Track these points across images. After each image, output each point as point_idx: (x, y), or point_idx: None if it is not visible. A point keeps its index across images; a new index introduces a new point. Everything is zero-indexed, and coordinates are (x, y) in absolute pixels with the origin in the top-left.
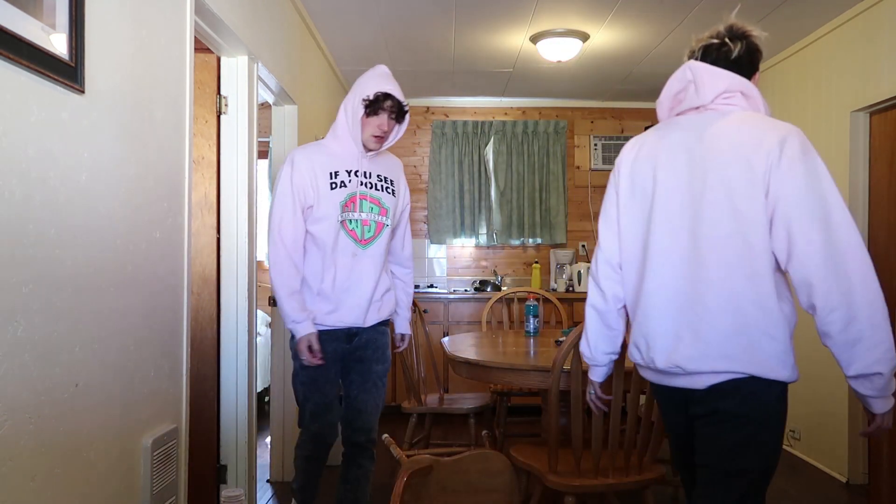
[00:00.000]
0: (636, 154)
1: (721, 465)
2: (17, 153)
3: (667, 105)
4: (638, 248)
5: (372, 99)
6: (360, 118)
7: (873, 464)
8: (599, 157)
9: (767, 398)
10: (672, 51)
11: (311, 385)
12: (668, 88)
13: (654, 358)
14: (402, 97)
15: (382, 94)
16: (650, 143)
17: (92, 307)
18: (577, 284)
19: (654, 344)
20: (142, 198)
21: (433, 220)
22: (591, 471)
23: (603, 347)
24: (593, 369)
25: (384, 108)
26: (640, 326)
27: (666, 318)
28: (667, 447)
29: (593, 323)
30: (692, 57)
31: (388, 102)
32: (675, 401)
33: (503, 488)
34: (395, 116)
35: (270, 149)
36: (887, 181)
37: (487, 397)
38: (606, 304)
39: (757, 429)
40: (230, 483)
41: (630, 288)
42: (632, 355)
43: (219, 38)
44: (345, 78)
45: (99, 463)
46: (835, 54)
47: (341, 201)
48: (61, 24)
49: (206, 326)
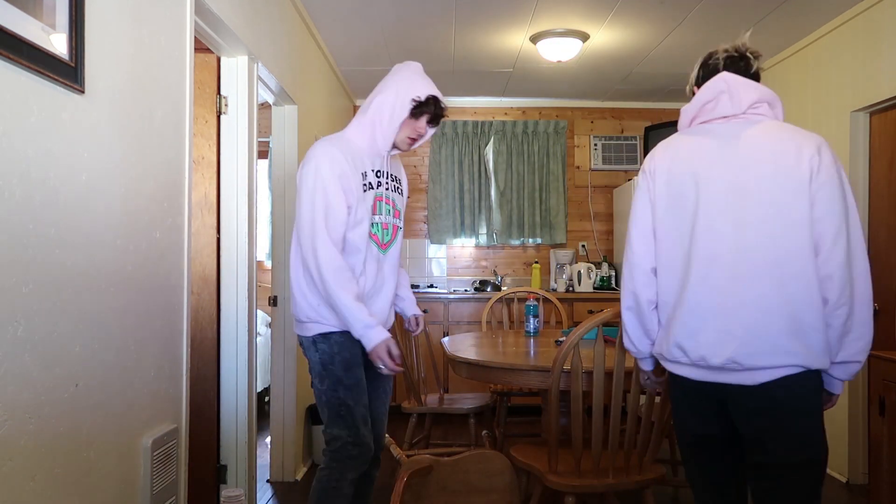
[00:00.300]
0: (671, 161)
1: (789, 459)
2: (17, 153)
3: (691, 113)
4: (679, 253)
5: (423, 101)
6: (402, 119)
7: (873, 464)
8: (599, 157)
9: (818, 388)
10: (672, 51)
11: (358, 389)
12: (700, 97)
13: (706, 355)
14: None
15: (432, 98)
16: (685, 149)
17: (92, 307)
18: (577, 284)
19: (704, 342)
20: (142, 198)
21: (433, 220)
22: (591, 471)
23: (646, 343)
24: (643, 361)
25: (430, 111)
26: (685, 327)
27: (719, 317)
28: (667, 447)
29: (633, 324)
30: (709, 65)
31: (435, 107)
32: (714, 399)
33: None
34: (434, 120)
35: (270, 149)
36: (887, 181)
37: (487, 397)
38: (641, 308)
39: (816, 419)
40: (230, 483)
41: (670, 290)
42: (671, 354)
43: (219, 38)
44: (345, 78)
45: (99, 463)
46: (835, 54)
47: (370, 204)
48: (61, 24)
49: (206, 326)
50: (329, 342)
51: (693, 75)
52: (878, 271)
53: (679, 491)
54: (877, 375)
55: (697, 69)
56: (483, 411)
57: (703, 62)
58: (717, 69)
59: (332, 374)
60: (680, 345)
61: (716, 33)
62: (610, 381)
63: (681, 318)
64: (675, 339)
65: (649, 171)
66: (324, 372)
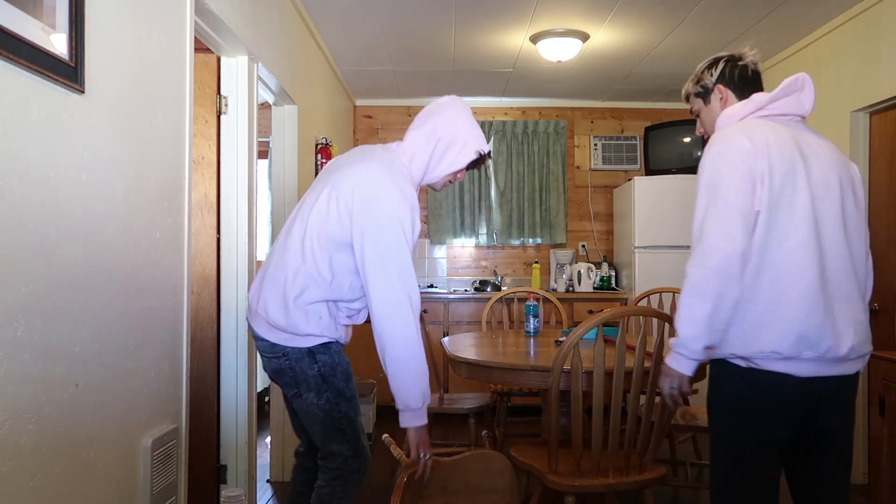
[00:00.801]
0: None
1: (851, 444)
2: (17, 153)
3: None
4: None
5: (475, 160)
6: (458, 168)
7: (873, 464)
8: (599, 157)
9: None
10: (672, 51)
11: (357, 400)
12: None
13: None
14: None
15: (486, 155)
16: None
17: (92, 307)
18: (577, 284)
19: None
20: (142, 197)
21: (433, 220)
22: (591, 471)
23: (710, 342)
24: (689, 362)
25: (479, 163)
26: (810, 318)
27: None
28: (667, 447)
29: (708, 319)
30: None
31: (486, 160)
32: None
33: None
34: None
35: (270, 149)
36: (887, 181)
37: (487, 397)
38: (725, 304)
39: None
40: (230, 483)
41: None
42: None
43: (219, 38)
44: (345, 78)
45: (99, 463)
46: (835, 54)
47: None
48: (61, 24)
49: (206, 326)
50: (330, 352)
51: (717, 70)
52: (878, 271)
53: (679, 491)
54: (877, 375)
55: (723, 66)
56: (483, 411)
57: (729, 60)
58: (750, 70)
59: (334, 386)
60: (805, 336)
61: (716, 33)
62: (610, 381)
63: (784, 311)
64: (797, 331)
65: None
66: (324, 385)
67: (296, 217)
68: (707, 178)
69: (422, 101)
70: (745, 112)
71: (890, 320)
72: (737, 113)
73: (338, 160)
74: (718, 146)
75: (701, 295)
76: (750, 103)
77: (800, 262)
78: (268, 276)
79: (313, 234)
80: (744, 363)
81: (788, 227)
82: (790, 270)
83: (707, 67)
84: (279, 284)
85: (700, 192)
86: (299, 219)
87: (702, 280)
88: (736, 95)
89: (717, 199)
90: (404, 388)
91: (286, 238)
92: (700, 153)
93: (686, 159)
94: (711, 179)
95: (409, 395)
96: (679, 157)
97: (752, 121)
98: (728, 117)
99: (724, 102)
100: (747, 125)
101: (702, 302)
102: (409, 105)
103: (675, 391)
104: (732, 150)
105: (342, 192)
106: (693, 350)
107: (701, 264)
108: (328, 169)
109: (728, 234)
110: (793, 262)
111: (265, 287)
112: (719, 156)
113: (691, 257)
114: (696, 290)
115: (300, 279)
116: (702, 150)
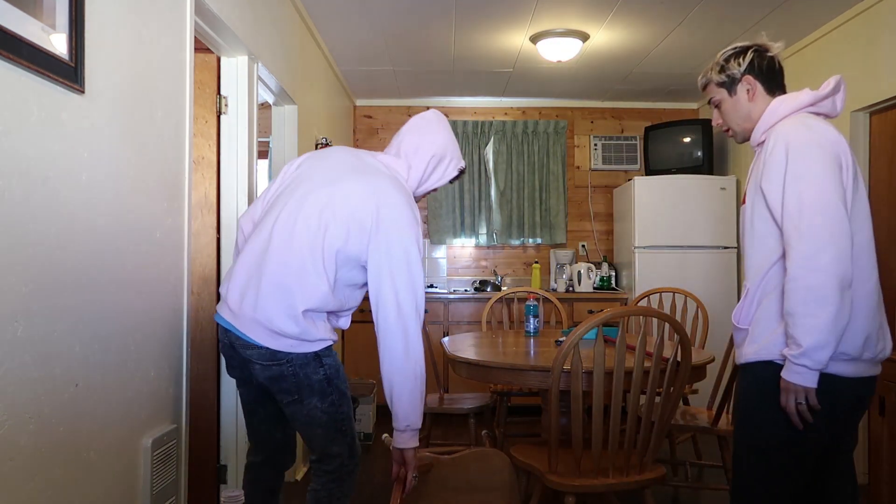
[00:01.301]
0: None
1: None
2: (17, 153)
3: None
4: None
5: (456, 175)
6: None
7: (873, 464)
8: (599, 157)
9: None
10: (672, 51)
11: (350, 399)
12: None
13: (887, 346)
14: None
15: (463, 171)
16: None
17: (92, 307)
18: (577, 284)
19: (884, 333)
20: (142, 198)
21: (433, 220)
22: (591, 471)
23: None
24: (814, 374)
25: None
26: (864, 321)
27: (882, 306)
28: (667, 447)
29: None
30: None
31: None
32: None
33: (503, 486)
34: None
35: (270, 149)
36: (887, 181)
37: (487, 397)
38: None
39: None
40: (230, 483)
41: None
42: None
43: (219, 38)
44: (345, 78)
45: (99, 463)
46: (835, 54)
47: None
48: (61, 24)
49: (206, 326)
50: (332, 354)
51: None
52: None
53: (679, 491)
54: None
55: (752, 56)
56: (483, 411)
57: (757, 50)
58: (777, 62)
59: (337, 388)
60: (870, 337)
61: (716, 33)
62: (610, 381)
63: (870, 307)
64: (866, 331)
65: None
66: (328, 388)
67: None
68: (795, 169)
69: (422, 101)
70: (801, 104)
71: (890, 320)
72: (794, 105)
73: (324, 162)
74: (805, 136)
75: (821, 300)
76: (805, 95)
77: (868, 259)
78: (267, 282)
79: (331, 252)
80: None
81: (858, 221)
82: (862, 267)
83: (734, 56)
84: (288, 295)
85: (788, 185)
86: (302, 226)
87: (818, 284)
88: (764, 88)
89: (819, 194)
90: (410, 403)
91: (288, 243)
92: (700, 153)
93: (686, 159)
94: (801, 171)
95: (415, 413)
96: (679, 157)
97: (809, 115)
98: (786, 108)
99: (751, 95)
100: (811, 118)
101: (822, 308)
102: (409, 105)
103: (803, 406)
104: (823, 141)
105: (362, 212)
106: (819, 361)
107: (815, 267)
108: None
109: (839, 234)
110: (863, 258)
111: (264, 294)
112: (807, 147)
113: (795, 258)
114: (813, 294)
115: (318, 294)
116: (702, 149)
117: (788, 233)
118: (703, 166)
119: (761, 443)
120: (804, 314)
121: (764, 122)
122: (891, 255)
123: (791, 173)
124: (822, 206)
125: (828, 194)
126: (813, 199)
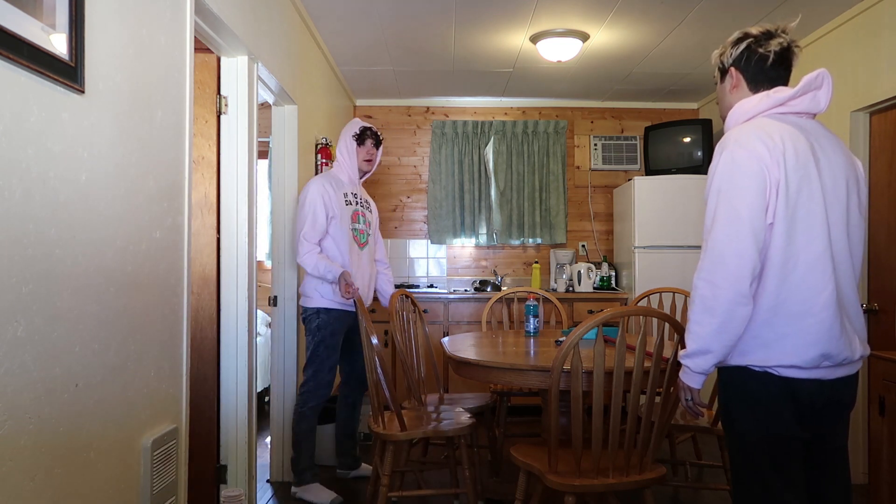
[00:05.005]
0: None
1: (847, 441)
2: (17, 153)
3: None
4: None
5: (359, 133)
6: (354, 149)
7: (873, 464)
8: (599, 157)
9: None
10: (672, 51)
11: (334, 348)
12: (801, 88)
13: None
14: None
15: (365, 128)
16: (791, 147)
17: (92, 307)
18: (577, 284)
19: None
20: (142, 197)
21: (433, 220)
22: (592, 471)
23: (718, 359)
24: (697, 377)
25: (368, 135)
26: (814, 335)
27: (851, 311)
28: (667, 447)
29: (716, 336)
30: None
31: (369, 131)
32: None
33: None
34: (375, 143)
35: (270, 149)
36: (887, 181)
37: (487, 397)
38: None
39: None
40: (230, 483)
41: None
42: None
43: (219, 38)
44: (345, 78)
45: (99, 463)
46: (835, 54)
47: (350, 214)
48: (61, 24)
49: (206, 326)
50: (330, 315)
51: (737, 51)
52: (878, 271)
53: (679, 491)
54: (877, 375)
55: (744, 48)
56: (483, 411)
57: (753, 41)
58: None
59: (322, 335)
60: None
61: (716, 33)
62: (610, 381)
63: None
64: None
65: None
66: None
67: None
68: (718, 184)
69: (422, 101)
70: (759, 109)
71: (890, 320)
72: (751, 110)
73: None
74: (733, 151)
75: (710, 311)
76: (767, 99)
77: (820, 275)
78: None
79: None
80: (759, 369)
81: (807, 237)
82: (810, 283)
83: (733, 43)
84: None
85: (710, 197)
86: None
87: (710, 296)
88: (748, 84)
89: (729, 211)
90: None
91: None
92: (700, 153)
93: (686, 159)
94: (723, 186)
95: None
96: (679, 157)
97: (766, 121)
98: (742, 113)
99: (734, 89)
100: (762, 127)
101: (710, 318)
102: (409, 105)
103: (691, 403)
104: (747, 158)
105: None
106: (699, 365)
107: (711, 281)
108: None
109: (739, 252)
110: (814, 274)
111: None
112: (733, 162)
113: (700, 268)
114: (703, 305)
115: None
116: (702, 149)
117: (703, 243)
118: (703, 166)
119: (745, 443)
120: (694, 321)
121: (728, 122)
122: (891, 255)
123: (713, 187)
124: (728, 222)
125: (739, 211)
126: (723, 215)
